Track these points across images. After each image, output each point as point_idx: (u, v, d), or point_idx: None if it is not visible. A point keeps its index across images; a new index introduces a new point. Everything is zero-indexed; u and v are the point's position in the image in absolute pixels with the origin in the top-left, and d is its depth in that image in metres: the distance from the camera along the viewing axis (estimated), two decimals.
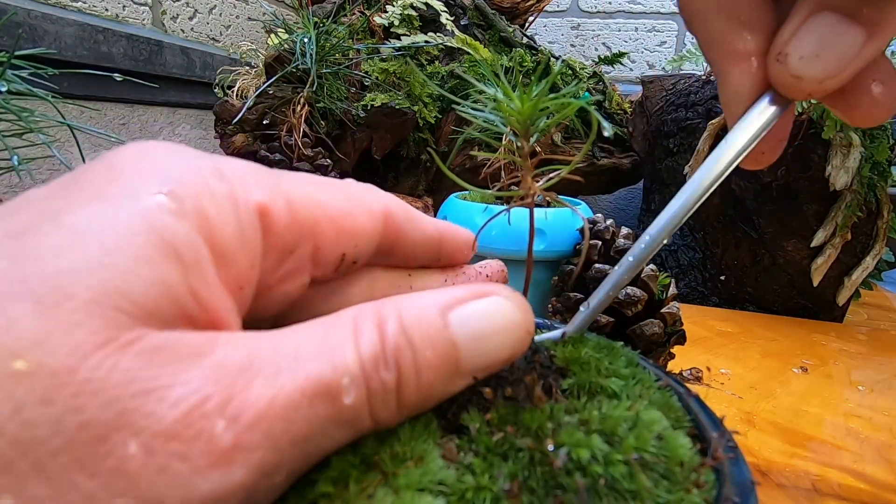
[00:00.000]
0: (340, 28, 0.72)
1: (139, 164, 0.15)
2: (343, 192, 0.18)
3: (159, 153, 0.15)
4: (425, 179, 0.82)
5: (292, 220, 0.16)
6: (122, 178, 0.14)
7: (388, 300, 0.15)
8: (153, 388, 0.12)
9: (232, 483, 0.12)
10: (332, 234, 0.17)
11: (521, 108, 0.17)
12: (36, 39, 0.63)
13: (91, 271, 0.12)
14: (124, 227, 0.13)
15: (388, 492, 0.13)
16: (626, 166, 0.91)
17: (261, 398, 0.12)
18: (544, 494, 0.14)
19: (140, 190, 0.14)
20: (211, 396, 0.12)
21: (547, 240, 0.48)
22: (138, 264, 0.13)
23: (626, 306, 0.40)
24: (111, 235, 0.13)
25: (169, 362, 0.12)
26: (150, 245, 0.13)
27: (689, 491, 0.14)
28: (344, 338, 0.14)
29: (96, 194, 0.14)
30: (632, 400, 0.17)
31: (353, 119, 0.70)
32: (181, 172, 0.15)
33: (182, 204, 0.14)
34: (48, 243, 0.12)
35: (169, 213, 0.14)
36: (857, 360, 0.58)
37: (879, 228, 0.67)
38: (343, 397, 0.13)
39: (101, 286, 0.12)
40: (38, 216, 0.13)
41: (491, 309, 0.15)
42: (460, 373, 0.15)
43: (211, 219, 0.14)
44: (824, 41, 0.16)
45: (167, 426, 0.12)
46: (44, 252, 0.12)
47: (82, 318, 0.12)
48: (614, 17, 1.28)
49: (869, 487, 0.35)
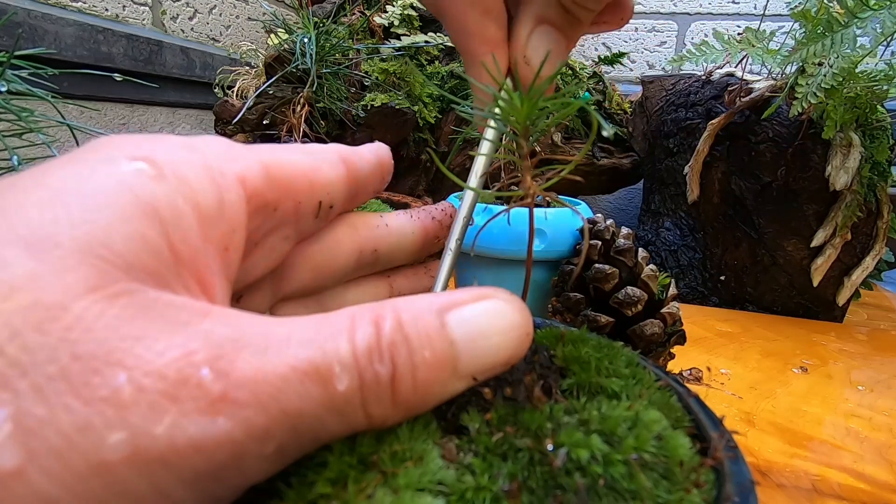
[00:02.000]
0: (340, 28, 0.72)
1: (111, 141, 0.16)
2: (302, 151, 0.20)
3: (133, 137, 0.16)
4: (425, 179, 0.82)
5: (270, 182, 0.18)
6: (97, 150, 0.15)
7: (386, 302, 0.15)
8: (141, 337, 0.12)
9: (218, 433, 0.12)
10: (306, 187, 0.19)
11: (520, 108, 0.17)
12: (36, 39, 0.63)
13: (73, 225, 0.13)
14: (102, 187, 0.14)
15: (387, 492, 0.13)
16: (626, 166, 0.91)
17: (249, 364, 0.13)
18: (544, 494, 0.14)
19: (116, 157, 0.15)
20: (198, 351, 0.12)
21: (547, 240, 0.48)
22: (117, 220, 0.13)
23: (626, 306, 0.40)
24: (90, 194, 0.14)
25: (155, 322, 0.13)
26: (128, 203, 0.14)
27: (689, 491, 0.14)
28: (337, 331, 0.14)
29: (73, 160, 0.15)
30: (631, 400, 0.17)
31: (353, 119, 0.70)
32: (154, 145, 0.16)
33: (160, 169, 0.15)
34: (30, 198, 0.13)
35: (147, 176, 0.15)
36: (857, 360, 0.58)
37: (879, 228, 0.67)
38: (335, 383, 0.13)
39: (84, 238, 0.13)
40: (17, 179, 0.14)
41: (490, 311, 0.15)
42: (458, 373, 0.15)
43: (190, 182, 0.15)
44: (549, 47, 0.24)
45: (157, 368, 0.12)
46: (26, 205, 0.13)
47: (72, 264, 0.12)
48: None
49: (869, 487, 0.35)
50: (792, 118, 0.64)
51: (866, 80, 0.59)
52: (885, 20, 0.52)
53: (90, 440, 0.11)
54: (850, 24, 0.54)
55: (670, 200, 0.79)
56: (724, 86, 0.72)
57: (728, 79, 0.73)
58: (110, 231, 0.13)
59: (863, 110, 0.62)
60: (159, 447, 0.12)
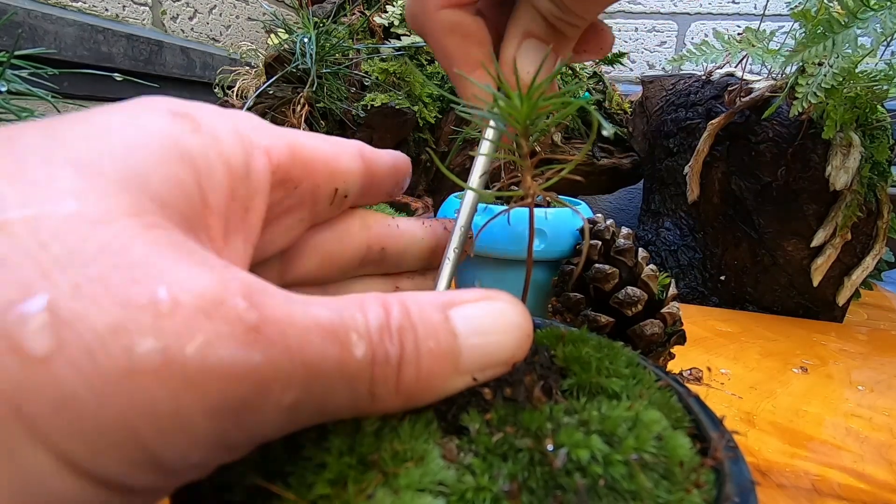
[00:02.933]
0: (340, 28, 0.72)
1: (153, 98, 0.17)
2: (325, 139, 0.21)
3: (166, 97, 0.17)
4: (425, 179, 0.82)
5: (294, 159, 0.19)
6: (140, 102, 0.16)
7: (391, 294, 0.15)
8: (178, 261, 0.12)
9: (248, 362, 0.12)
10: (325, 173, 0.20)
11: (520, 108, 0.17)
12: (36, 39, 0.63)
13: (115, 158, 0.14)
14: (145, 130, 0.15)
15: (387, 492, 0.13)
16: (626, 166, 0.91)
17: (279, 308, 0.13)
18: (544, 495, 0.14)
19: (159, 108, 0.16)
20: (233, 282, 0.13)
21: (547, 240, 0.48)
22: (157, 161, 0.14)
23: (626, 306, 0.40)
24: (133, 134, 0.14)
25: (187, 257, 0.13)
26: (168, 147, 0.15)
27: (689, 491, 0.14)
28: (352, 307, 0.14)
29: (117, 109, 0.15)
30: (632, 400, 0.17)
31: (353, 119, 0.70)
32: (191, 104, 0.17)
33: (197, 124, 0.16)
34: (77, 131, 0.14)
35: (185, 128, 0.16)
36: (857, 360, 0.58)
37: (879, 228, 0.67)
38: (353, 348, 0.13)
39: (126, 171, 0.13)
40: (64, 117, 0.15)
41: (493, 310, 0.16)
42: (459, 369, 0.15)
43: (223, 140, 0.16)
44: (537, 59, 0.24)
45: (193, 287, 0.12)
46: (74, 136, 0.14)
47: (114, 190, 0.13)
48: (614, 17, 1.28)
49: (869, 487, 0.35)
50: (792, 118, 0.64)
51: (866, 80, 0.59)
52: (886, 20, 0.52)
53: (122, 343, 0.11)
54: (850, 24, 0.54)
55: (670, 200, 0.79)
56: (724, 86, 0.72)
57: (728, 79, 0.73)
58: (148, 168, 0.14)
59: (863, 110, 0.62)
60: (190, 364, 0.11)
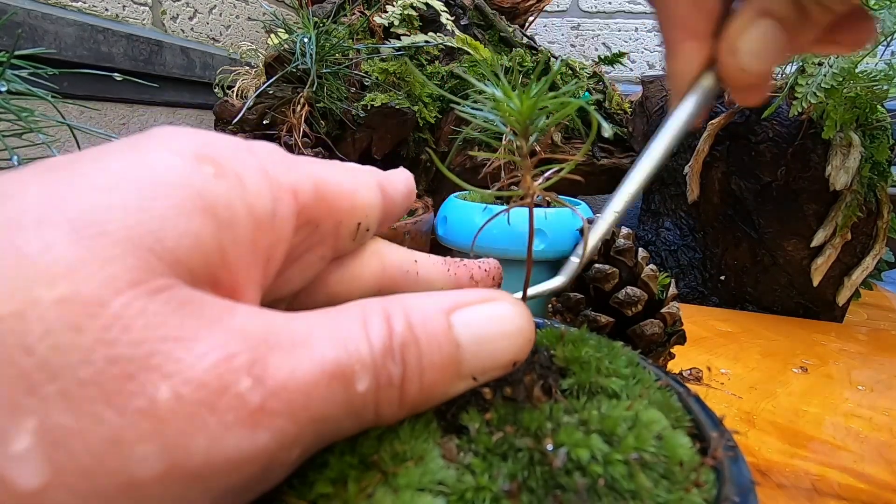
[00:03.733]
0: (340, 28, 0.72)
1: (176, 134, 0.15)
2: (346, 171, 0.20)
3: (184, 131, 0.16)
4: (425, 179, 0.82)
5: (318, 198, 0.18)
6: (161, 139, 0.15)
7: (393, 298, 0.15)
8: (182, 337, 0.12)
9: (256, 447, 0.12)
10: (348, 207, 0.19)
11: (520, 108, 0.17)
12: (36, 39, 0.63)
13: (128, 212, 0.12)
14: (163, 177, 0.13)
15: (387, 491, 0.13)
16: (626, 166, 0.91)
17: (282, 369, 0.12)
18: (544, 494, 0.14)
19: (181, 150, 0.14)
20: (237, 355, 0.12)
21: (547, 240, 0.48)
22: (174, 214, 0.13)
23: (626, 306, 0.40)
24: (149, 182, 0.13)
25: (194, 318, 0.12)
26: (188, 198, 0.13)
27: (689, 490, 0.14)
28: (354, 327, 0.14)
29: (135, 147, 0.14)
30: (631, 400, 0.17)
31: (353, 119, 0.70)
32: (214, 142, 0.15)
33: (221, 168, 0.14)
34: (86, 180, 0.13)
35: (209, 173, 0.14)
36: (857, 360, 0.58)
37: (879, 228, 0.67)
38: (356, 384, 0.13)
39: (136, 227, 0.12)
40: (77, 158, 0.14)
41: (495, 313, 0.16)
42: (461, 374, 0.15)
43: (248, 185, 0.15)
44: (765, 43, 0.21)
45: (197, 374, 0.11)
46: (81, 186, 0.13)
47: (117, 253, 0.12)
48: (614, 17, 1.28)
49: (869, 487, 0.35)
50: (792, 118, 0.64)
51: (866, 80, 0.59)
52: (885, 20, 0.52)
53: (121, 456, 0.10)
54: None
55: (670, 200, 0.79)
56: None
57: None
58: (164, 223, 0.13)
59: (863, 110, 0.62)
60: (195, 463, 0.11)
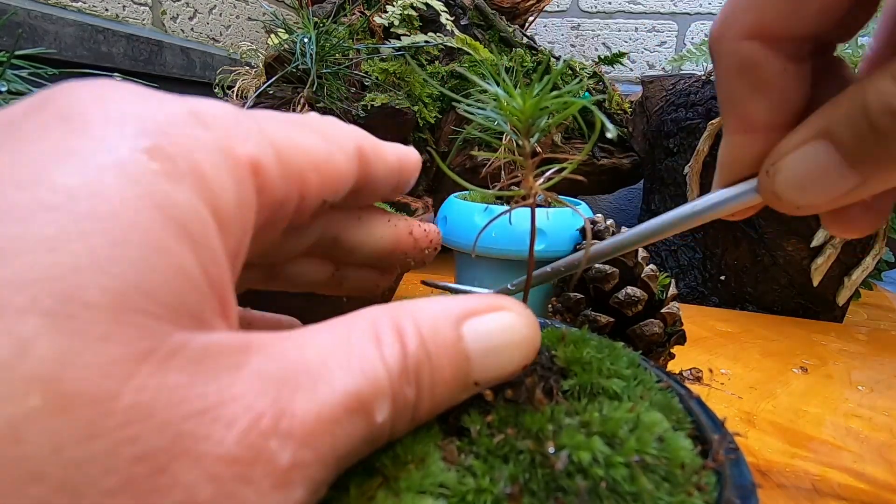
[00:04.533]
0: (340, 28, 0.72)
1: (103, 108, 0.12)
2: (319, 132, 0.16)
3: (121, 94, 0.13)
4: (425, 179, 0.82)
5: (282, 173, 0.15)
6: (89, 129, 0.12)
7: (401, 306, 0.15)
8: (205, 408, 0.11)
9: (290, 500, 0.11)
10: (316, 183, 0.16)
11: (522, 107, 0.17)
12: (36, 39, 0.63)
13: (100, 267, 0.10)
14: (119, 202, 0.11)
15: (388, 494, 0.13)
16: (626, 166, 0.91)
17: (308, 413, 0.12)
18: (545, 497, 0.14)
19: (118, 144, 0.11)
20: (264, 413, 0.11)
21: (547, 240, 0.48)
22: (152, 253, 0.11)
23: (626, 306, 0.39)
24: (107, 214, 0.10)
25: (213, 375, 0.11)
26: (158, 224, 0.11)
27: (691, 493, 0.14)
28: (368, 348, 0.13)
29: (63, 150, 0.11)
30: (633, 401, 0.17)
31: (353, 119, 0.70)
32: (158, 119, 0.12)
33: (174, 163, 0.12)
34: (30, 228, 0.10)
35: (164, 176, 0.12)
36: (857, 360, 0.58)
37: (879, 228, 0.67)
38: (376, 415, 0.13)
39: (117, 287, 0.10)
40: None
41: (504, 324, 0.15)
42: (468, 386, 0.15)
43: (208, 179, 0.12)
44: (813, 176, 0.16)
45: (228, 449, 0.11)
46: (28, 240, 0.10)
47: (108, 329, 0.10)
48: (614, 17, 1.28)
49: (869, 487, 0.35)
50: None
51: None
52: None
53: None
54: None
55: (670, 200, 0.79)
56: None
57: None
58: (145, 270, 0.11)
59: None
60: None
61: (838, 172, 0.15)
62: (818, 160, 0.15)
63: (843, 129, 0.15)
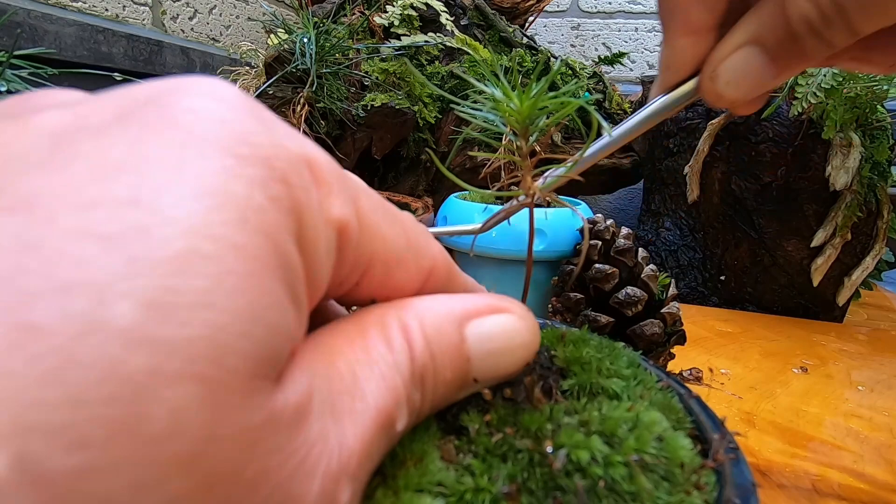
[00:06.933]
0: (340, 28, 0.72)
1: (213, 125, 0.11)
2: (405, 232, 0.15)
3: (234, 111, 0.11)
4: (425, 179, 0.82)
5: (357, 247, 0.14)
6: (193, 142, 0.10)
7: (406, 304, 0.15)
8: (300, 463, 0.11)
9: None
10: (378, 279, 0.15)
11: (520, 108, 0.17)
12: (36, 39, 0.63)
13: (241, 329, 0.09)
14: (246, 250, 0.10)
15: (387, 493, 0.13)
16: (626, 166, 0.91)
17: (356, 440, 0.12)
18: (543, 496, 0.14)
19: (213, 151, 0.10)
20: (332, 454, 0.11)
21: (547, 240, 0.48)
22: (272, 310, 0.10)
23: (626, 306, 0.39)
24: (238, 266, 0.10)
25: (296, 427, 0.11)
26: (269, 271, 0.10)
27: (690, 493, 0.14)
28: (384, 353, 0.13)
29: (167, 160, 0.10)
30: (632, 401, 0.17)
31: (353, 119, 0.70)
32: (273, 150, 0.11)
33: (287, 212, 0.11)
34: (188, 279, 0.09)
35: (274, 206, 0.11)
36: (857, 360, 0.58)
37: (879, 228, 0.67)
38: (398, 424, 0.13)
39: (250, 350, 0.10)
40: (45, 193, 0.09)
41: (506, 328, 0.16)
42: (467, 385, 0.15)
43: (307, 226, 0.11)
44: (747, 73, 0.19)
45: (314, 501, 0.11)
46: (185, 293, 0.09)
47: (242, 398, 0.10)
48: (614, 17, 1.28)
49: (869, 487, 0.35)
50: (792, 118, 0.64)
51: (866, 80, 0.59)
52: None
53: None
54: None
55: (670, 200, 0.79)
56: None
57: None
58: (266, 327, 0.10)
59: (863, 110, 0.61)
60: None
61: (765, 69, 0.19)
62: (749, 62, 0.19)
63: (769, 35, 0.18)
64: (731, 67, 0.19)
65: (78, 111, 0.11)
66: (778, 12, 0.18)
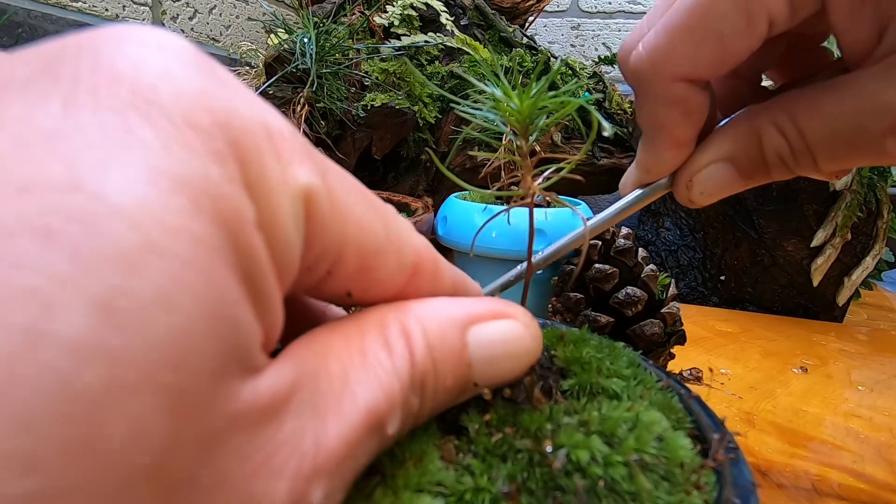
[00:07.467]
0: (340, 28, 0.72)
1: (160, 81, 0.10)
2: (384, 222, 0.14)
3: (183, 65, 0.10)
4: (425, 179, 0.82)
5: (328, 222, 0.12)
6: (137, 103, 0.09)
7: (408, 307, 0.15)
8: (263, 461, 0.10)
9: None
10: (353, 269, 0.14)
11: (520, 107, 0.17)
12: (36, 39, 0.63)
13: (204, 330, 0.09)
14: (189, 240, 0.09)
15: (386, 493, 0.13)
16: (626, 166, 0.91)
17: (339, 439, 0.12)
18: (543, 496, 0.14)
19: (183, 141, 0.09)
20: (306, 454, 0.11)
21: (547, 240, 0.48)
22: (225, 303, 0.09)
23: (626, 306, 0.39)
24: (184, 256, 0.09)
25: (265, 423, 0.11)
26: (229, 263, 0.09)
27: (690, 493, 0.14)
28: (382, 356, 0.13)
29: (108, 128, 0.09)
30: (632, 401, 0.17)
31: (353, 119, 0.70)
32: (229, 117, 0.10)
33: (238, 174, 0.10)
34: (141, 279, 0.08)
35: (232, 187, 0.10)
36: (857, 360, 0.58)
37: (879, 228, 0.67)
38: (388, 428, 0.13)
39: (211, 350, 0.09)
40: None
41: (508, 335, 0.15)
42: (468, 389, 0.15)
43: (270, 205, 0.11)
44: (718, 185, 0.22)
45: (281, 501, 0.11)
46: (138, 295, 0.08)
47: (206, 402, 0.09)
48: (614, 17, 1.28)
49: (869, 487, 0.35)
50: None
51: None
52: None
53: None
54: None
55: (670, 200, 0.79)
56: None
57: None
58: (224, 324, 0.09)
59: None
60: None
61: (734, 182, 0.22)
62: (722, 176, 0.22)
63: (741, 156, 0.21)
64: (705, 179, 0.22)
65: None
66: (752, 140, 0.20)
